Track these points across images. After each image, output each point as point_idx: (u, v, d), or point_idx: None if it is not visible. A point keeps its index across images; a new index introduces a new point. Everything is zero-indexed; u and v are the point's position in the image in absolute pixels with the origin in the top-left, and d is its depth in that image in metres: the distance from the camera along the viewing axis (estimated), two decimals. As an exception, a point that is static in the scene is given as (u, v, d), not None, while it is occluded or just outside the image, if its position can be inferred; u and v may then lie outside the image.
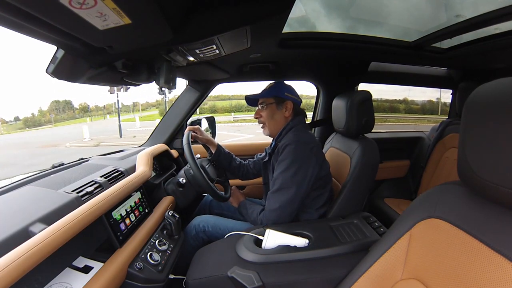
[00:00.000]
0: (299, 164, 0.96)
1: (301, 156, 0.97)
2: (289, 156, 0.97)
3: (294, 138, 1.01)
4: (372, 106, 1.14)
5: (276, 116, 1.10)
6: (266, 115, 1.11)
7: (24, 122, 49.97)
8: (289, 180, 0.96)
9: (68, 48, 0.59)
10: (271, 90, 1.10)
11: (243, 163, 1.36)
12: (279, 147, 1.02)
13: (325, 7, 1.07)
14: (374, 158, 1.10)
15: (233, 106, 29.16)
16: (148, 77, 0.84)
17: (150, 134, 1.60)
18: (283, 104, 1.09)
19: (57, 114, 57.12)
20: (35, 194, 0.72)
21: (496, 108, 0.41)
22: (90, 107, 51.36)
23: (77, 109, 62.84)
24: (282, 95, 1.09)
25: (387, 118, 15.54)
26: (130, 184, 0.84)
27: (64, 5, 0.37)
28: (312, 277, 0.75)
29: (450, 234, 0.48)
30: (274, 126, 1.11)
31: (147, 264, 0.72)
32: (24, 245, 0.48)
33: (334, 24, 1.17)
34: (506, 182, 0.39)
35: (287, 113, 1.10)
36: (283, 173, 0.97)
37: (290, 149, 0.98)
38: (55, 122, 46.12)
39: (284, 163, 0.98)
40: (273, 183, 1.01)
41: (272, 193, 0.99)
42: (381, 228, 0.91)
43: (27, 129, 39.81)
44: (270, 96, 1.10)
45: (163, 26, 0.55)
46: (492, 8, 0.91)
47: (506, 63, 1.46)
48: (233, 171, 1.34)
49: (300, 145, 0.99)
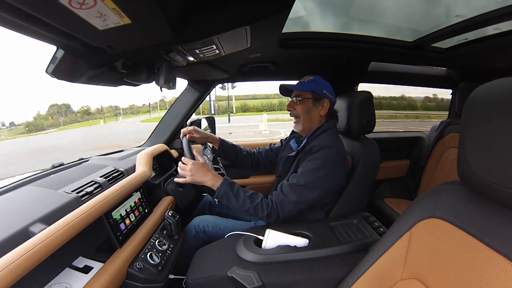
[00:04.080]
0: (329, 170, 0.94)
1: (334, 162, 0.95)
2: (322, 158, 0.94)
3: (332, 143, 0.97)
4: (373, 106, 1.14)
5: (312, 112, 1.05)
6: (302, 109, 1.05)
7: (26, 127, 49.30)
8: (315, 180, 0.93)
9: (68, 48, 0.59)
10: (310, 84, 1.04)
11: (251, 152, 1.30)
12: (313, 146, 0.97)
13: (325, 7, 1.07)
14: (374, 158, 1.10)
15: (264, 105, 29.60)
16: (148, 77, 0.84)
17: (149, 135, 1.60)
18: (320, 101, 1.04)
19: (58, 117, 56.69)
20: (35, 194, 0.72)
21: (496, 108, 0.41)
22: (103, 108, 50.62)
23: (78, 112, 62.62)
24: (320, 92, 1.03)
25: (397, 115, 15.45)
26: (130, 184, 0.84)
27: (64, 5, 0.37)
28: (312, 277, 0.75)
29: (450, 234, 0.48)
30: (308, 123, 1.06)
31: (147, 264, 0.72)
32: (24, 245, 0.48)
33: (334, 24, 1.17)
34: (506, 181, 0.39)
35: (322, 112, 1.05)
36: (312, 172, 0.93)
37: (325, 152, 0.94)
38: (57, 126, 45.73)
39: (316, 162, 0.94)
40: (296, 176, 0.95)
41: (293, 185, 0.93)
42: (381, 228, 0.92)
43: (33, 134, 39.17)
44: (308, 90, 1.04)
45: (163, 26, 0.55)
46: (492, 8, 0.91)
47: (506, 63, 1.46)
48: (241, 163, 1.28)
49: (337, 152, 0.96)
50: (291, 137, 1.24)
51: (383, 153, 1.16)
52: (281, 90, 1.12)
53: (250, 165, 1.30)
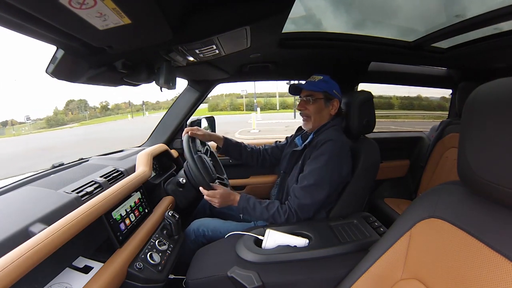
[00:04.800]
0: (336, 163, 0.96)
1: (339, 155, 0.97)
2: (328, 152, 0.96)
3: (335, 136, 0.99)
4: (373, 106, 1.14)
5: (323, 112, 1.07)
6: (314, 109, 1.07)
7: (46, 122, 49.08)
8: (325, 177, 0.95)
9: (68, 48, 0.59)
10: (322, 85, 1.05)
11: (256, 149, 1.30)
12: (318, 141, 0.99)
13: (325, 7, 1.07)
14: (374, 158, 1.10)
15: (266, 103, 29.92)
16: (148, 77, 0.84)
17: (149, 135, 1.60)
18: (331, 101, 1.07)
19: (78, 113, 56.24)
20: (35, 194, 0.72)
21: (496, 108, 0.41)
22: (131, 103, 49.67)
23: (96, 108, 62.12)
24: (331, 92, 1.05)
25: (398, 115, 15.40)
26: (130, 184, 0.84)
27: (64, 5, 0.37)
28: (312, 277, 0.75)
29: (450, 234, 0.48)
30: (319, 122, 1.08)
31: (147, 264, 0.72)
32: (24, 245, 0.48)
33: (334, 24, 1.17)
34: (506, 181, 0.39)
35: (333, 111, 1.07)
36: (320, 169, 0.95)
37: (330, 145, 0.96)
38: (78, 121, 45.12)
39: (322, 158, 0.96)
40: (304, 176, 0.97)
41: (304, 187, 0.96)
42: (381, 228, 0.91)
43: (55, 128, 38.25)
44: (320, 91, 1.05)
45: (163, 26, 0.55)
46: (492, 8, 0.91)
47: (506, 63, 1.46)
48: (246, 160, 1.28)
49: (340, 144, 0.98)
50: (296, 134, 1.24)
51: (383, 153, 1.16)
52: (291, 89, 1.13)
53: (256, 162, 1.30)
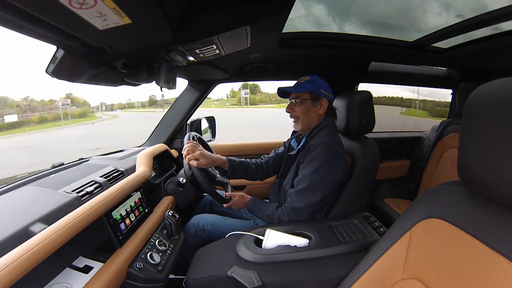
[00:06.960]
0: (328, 167, 0.96)
1: (332, 158, 0.97)
2: (320, 157, 0.96)
3: (327, 139, 1.00)
4: (373, 106, 1.14)
5: (311, 113, 1.07)
6: (301, 110, 1.07)
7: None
8: (317, 181, 0.95)
9: (68, 48, 0.59)
10: (307, 85, 1.05)
11: (260, 163, 1.27)
12: (311, 145, 1.00)
13: (325, 7, 1.07)
14: (374, 158, 1.10)
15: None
16: (148, 77, 0.84)
17: (150, 134, 1.60)
18: (319, 101, 1.06)
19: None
20: (35, 194, 0.72)
21: (496, 108, 0.41)
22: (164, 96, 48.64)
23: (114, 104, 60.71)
24: (318, 92, 1.04)
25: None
26: (130, 184, 0.84)
27: (64, 5, 0.37)
28: (312, 277, 0.75)
29: (450, 234, 0.48)
30: (308, 123, 1.07)
31: (147, 264, 0.72)
32: (24, 245, 0.48)
33: (334, 24, 1.17)
34: (506, 182, 0.39)
35: (321, 111, 1.07)
36: (313, 174, 0.96)
37: (322, 149, 0.97)
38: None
39: (314, 163, 0.96)
40: (299, 181, 0.99)
41: (298, 191, 0.97)
42: (381, 228, 0.91)
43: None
44: (306, 91, 1.05)
45: (163, 26, 0.55)
46: (492, 8, 0.91)
47: (506, 63, 1.46)
48: (252, 177, 1.25)
49: (332, 147, 0.98)
50: (291, 137, 1.24)
51: (383, 153, 1.16)
52: (279, 93, 1.13)
53: (261, 177, 1.27)
